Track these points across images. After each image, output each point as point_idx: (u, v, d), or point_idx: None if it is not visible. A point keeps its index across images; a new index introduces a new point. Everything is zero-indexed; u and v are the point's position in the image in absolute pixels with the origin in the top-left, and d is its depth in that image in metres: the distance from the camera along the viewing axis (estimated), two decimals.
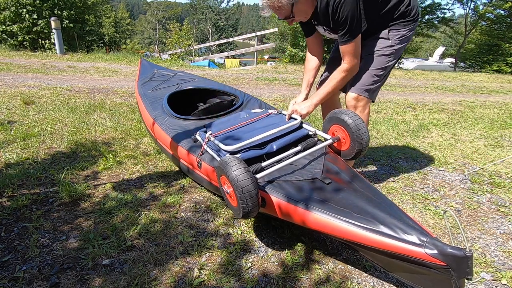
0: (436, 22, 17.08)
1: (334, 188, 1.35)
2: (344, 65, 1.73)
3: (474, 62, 16.79)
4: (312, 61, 1.97)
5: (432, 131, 3.59)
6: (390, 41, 1.76)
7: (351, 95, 1.84)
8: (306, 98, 1.93)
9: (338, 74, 1.75)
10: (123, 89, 4.65)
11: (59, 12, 10.94)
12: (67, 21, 11.12)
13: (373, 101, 1.90)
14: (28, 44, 10.67)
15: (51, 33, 9.41)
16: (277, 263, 1.48)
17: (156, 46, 28.30)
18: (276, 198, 1.35)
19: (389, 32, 1.75)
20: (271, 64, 11.88)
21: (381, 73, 1.81)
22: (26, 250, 1.46)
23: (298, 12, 1.59)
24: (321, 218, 1.22)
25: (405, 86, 7.16)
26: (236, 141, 1.65)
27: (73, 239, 1.54)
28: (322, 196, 1.30)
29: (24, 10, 10.39)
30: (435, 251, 1.00)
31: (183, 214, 1.80)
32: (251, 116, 1.97)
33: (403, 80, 8.05)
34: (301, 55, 12.34)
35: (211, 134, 1.73)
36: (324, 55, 2.21)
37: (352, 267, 1.49)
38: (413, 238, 1.05)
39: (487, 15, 16.32)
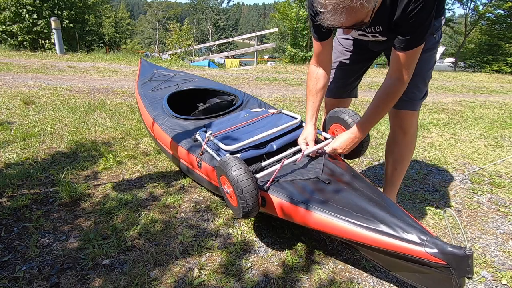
0: None
1: (334, 187, 1.35)
2: (396, 82, 1.30)
3: (474, 62, 16.76)
4: (320, 78, 1.52)
5: (432, 131, 3.59)
6: (435, 36, 1.44)
7: (409, 113, 1.55)
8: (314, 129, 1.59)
9: (388, 97, 1.34)
10: (123, 89, 4.65)
11: (59, 12, 10.96)
12: (67, 21, 11.14)
13: None
14: (28, 44, 10.68)
15: (51, 33, 9.41)
16: (277, 263, 1.48)
17: (156, 46, 28.31)
18: (276, 197, 1.35)
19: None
20: (271, 64, 11.87)
21: (430, 76, 1.54)
22: (26, 250, 1.46)
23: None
24: (321, 218, 1.22)
25: None
26: (236, 141, 1.65)
27: (73, 239, 1.54)
28: (322, 196, 1.30)
29: (24, 10, 10.40)
30: (435, 250, 1.00)
31: (183, 214, 1.80)
32: (251, 116, 1.97)
33: None
34: (301, 55, 12.32)
35: (211, 134, 1.73)
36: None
37: (352, 267, 1.49)
38: (413, 237, 1.05)
39: (487, 15, 16.30)
